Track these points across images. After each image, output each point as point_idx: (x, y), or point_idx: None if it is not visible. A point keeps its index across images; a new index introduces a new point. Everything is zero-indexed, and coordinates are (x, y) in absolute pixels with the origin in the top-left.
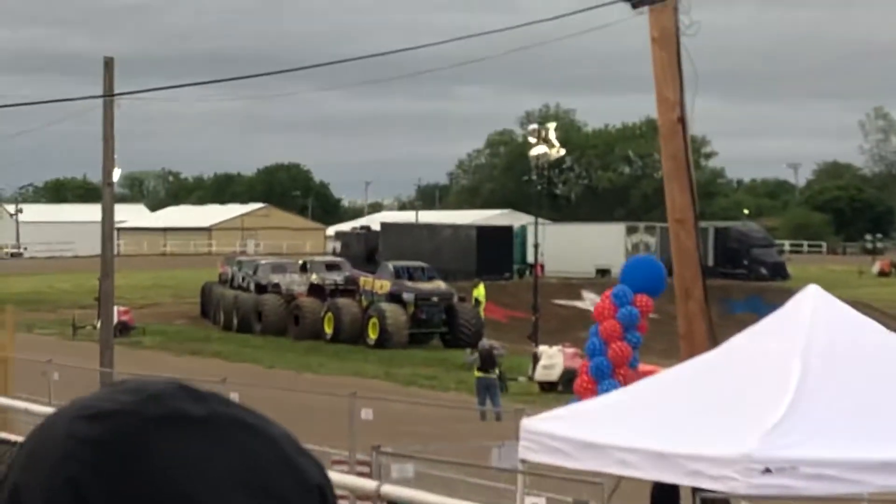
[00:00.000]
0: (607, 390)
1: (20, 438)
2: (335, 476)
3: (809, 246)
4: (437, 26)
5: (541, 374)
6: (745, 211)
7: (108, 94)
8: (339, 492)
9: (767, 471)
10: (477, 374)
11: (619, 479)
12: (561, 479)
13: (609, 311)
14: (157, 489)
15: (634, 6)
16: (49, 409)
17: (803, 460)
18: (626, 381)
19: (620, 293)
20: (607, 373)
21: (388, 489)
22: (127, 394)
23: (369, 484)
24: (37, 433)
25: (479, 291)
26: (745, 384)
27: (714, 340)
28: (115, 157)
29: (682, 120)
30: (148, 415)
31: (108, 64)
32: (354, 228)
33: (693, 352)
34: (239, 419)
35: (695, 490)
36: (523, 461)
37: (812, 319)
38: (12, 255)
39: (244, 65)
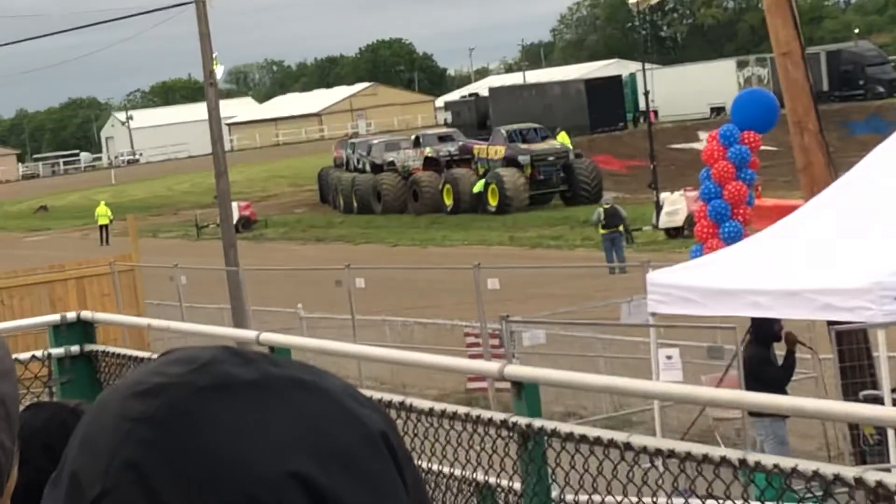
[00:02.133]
0: (729, 232)
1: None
2: (458, 362)
3: None
4: None
5: (665, 220)
6: (856, 30)
7: None
8: (465, 377)
9: None
10: (602, 231)
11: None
12: (693, 328)
13: (718, 152)
14: (217, 459)
15: None
16: (187, 325)
17: None
18: (745, 220)
19: (727, 133)
20: (726, 214)
21: (512, 370)
22: (175, 365)
23: (492, 367)
24: (90, 416)
25: (563, 138)
26: (868, 214)
27: (834, 171)
28: (215, 54)
29: None
30: (199, 385)
31: None
32: (463, 97)
33: (812, 185)
34: (293, 377)
35: (830, 323)
36: (653, 314)
37: None
38: (129, 162)
39: None
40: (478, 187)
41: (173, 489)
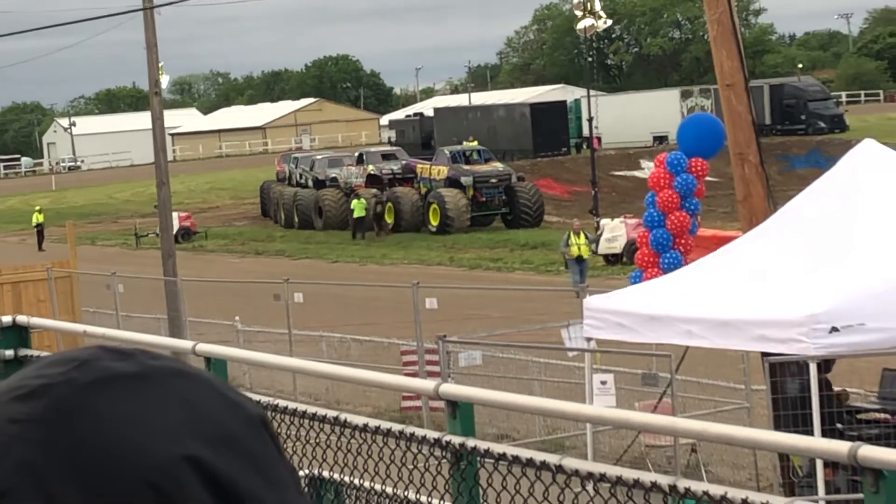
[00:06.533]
0: (669, 261)
1: None
2: (393, 379)
3: (866, 95)
4: None
5: (604, 247)
6: (799, 65)
7: (148, 7)
8: (399, 396)
9: (834, 330)
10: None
11: (686, 349)
12: (630, 355)
13: (665, 180)
14: (110, 450)
15: None
16: (124, 333)
17: (869, 316)
18: (687, 250)
19: (675, 160)
20: (668, 244)
21: (447, 388)
22: (54, 366)
23: (427, 385)
24: None
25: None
26: (805, 247)
27: (773, 203)
28: (162, 63)
29: None
30: (81, 381)
31: None
32: (408, 116)
33: (751, 217)
34: (172, 368)
35: (764, 355)
36: (588, 339)
37: (868, 175)
38: (70, 168)
39: None
40: (358, 211)
41: (70, 485)
